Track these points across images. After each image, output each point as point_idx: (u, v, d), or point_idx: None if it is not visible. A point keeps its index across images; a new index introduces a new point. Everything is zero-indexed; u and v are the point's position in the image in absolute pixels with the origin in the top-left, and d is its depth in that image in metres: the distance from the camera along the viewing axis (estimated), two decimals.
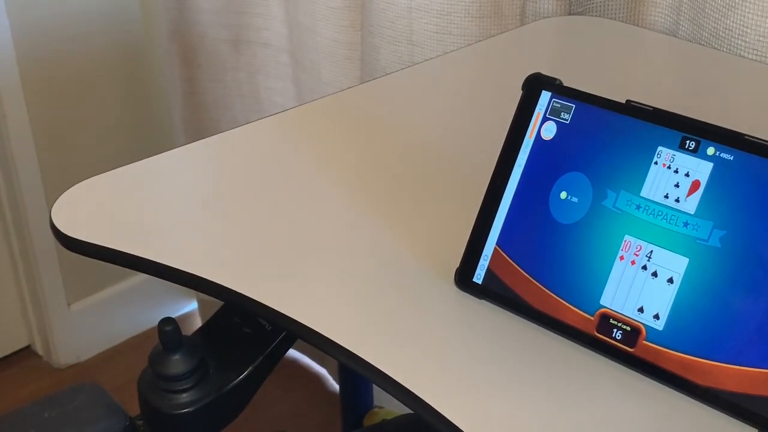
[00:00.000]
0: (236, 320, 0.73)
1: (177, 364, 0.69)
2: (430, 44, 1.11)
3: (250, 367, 0.71)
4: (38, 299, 1.67)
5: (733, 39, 0.92)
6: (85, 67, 1.57)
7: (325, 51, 1.29)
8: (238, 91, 1.49)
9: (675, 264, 0.53)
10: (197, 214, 0.71)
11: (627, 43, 1.00)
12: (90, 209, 0.71)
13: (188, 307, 1.80)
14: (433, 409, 0.52)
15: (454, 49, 1.05)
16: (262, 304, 0.60)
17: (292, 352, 1.65)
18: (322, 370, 1.64)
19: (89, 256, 0.66)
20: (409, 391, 0.54)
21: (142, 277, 1.75)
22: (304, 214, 0.70)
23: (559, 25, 1.05)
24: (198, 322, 1.73)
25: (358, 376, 1.08)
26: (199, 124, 1.54)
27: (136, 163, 0.78)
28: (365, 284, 0.63)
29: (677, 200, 0.53)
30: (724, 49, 0.93)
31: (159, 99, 1.67)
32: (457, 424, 0.51)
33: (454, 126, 0.83)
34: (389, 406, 1.12)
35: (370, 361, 0.56)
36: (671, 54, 0.99)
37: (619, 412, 0.52)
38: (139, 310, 1.77)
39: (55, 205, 0.71)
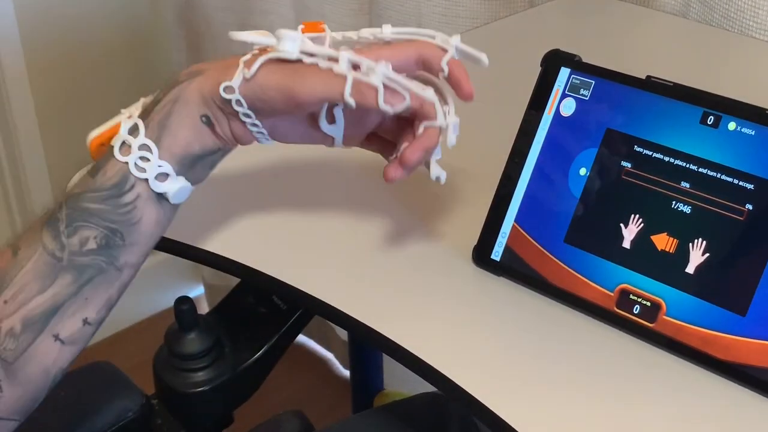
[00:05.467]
0: (251, 300, 0.73)
1: (193, 343, 0.69)
2: (439, 27, 1.11)
3: (266, 346, 0.71)
4: None
5: (744, 20, 0.92)
6: (91, 52, 1.57)
7: None
8: None
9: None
10: (209, 193, 0.70)
11: (637, 25, 1.00)
12: None
13: (194, 292, 1.80)
14: (453, 382, 0.52)
15: (463, 32, 1.05)
16: (281, 281, 0.61)
17: (298, 337, 1.65)
18: (328, 354, 1.64)
19: None
20: (428, 364, 0.54)
21: (147, 261, 1.74)
22: (318, 194, 0.69)
23: (569, 7, 1.05)
24: (205, 307, 1.73)
25: (369, 358, 1.09)
26: None
27: None
28: (382, 261, 0.63)
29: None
30: (735, 30, 0.93)
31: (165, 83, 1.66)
32: (478, 398, 0.51)
33: (467, 104, 0.83)
34: (399, 388, 1.12)
35: (389, 337, 0.56)
36: (682, 35, 0.99)
37: (639, 387, 0.52)
38: (144, 295, 1.76)
39: (70, 183, 0.70)
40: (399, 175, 0.54)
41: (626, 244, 0.55)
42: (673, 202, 0.54)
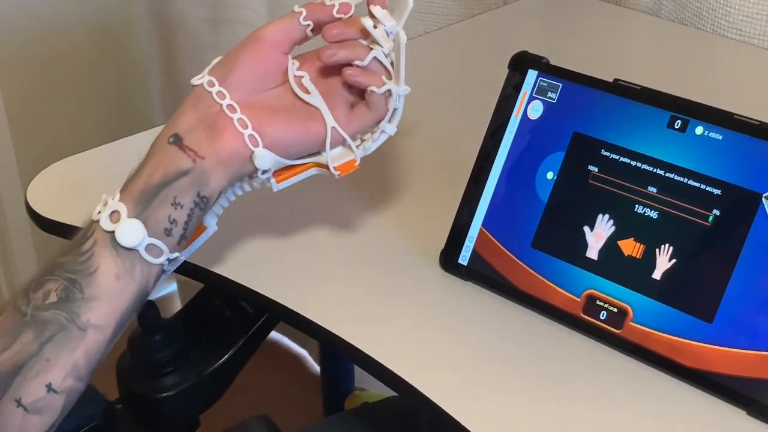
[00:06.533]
0: (217, 303, 0.72)
1: (157, 347, 0.68)
2: (412, 23, 1.10)
3: (232, 350, 0.70)
4: (14, 287, 1.64)
5: (716, 19, 0.91)
6: (61, 46, 1.55)
7: None
8: None
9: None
10: None
11: (610, 23, 0.99)
12: (66, 190, 0.70)
13: (167, 289, 1.79)
14: (417, 390, 0.52)
15: (436, 29, 1.04)
16: (245, 287, 0.60)
17: (272, 333, 1.64)
18: (302, 351, 1.63)
19: (66, 238, 0.65)
20: (392, 372, 0.53)
21: None
22: (285, 196, 0.68)
23: (542, 5, 1.04)
24: (177, 304, 1.72)
25: (340, 359, 1.08)
26: (177, 104, 1.51)
27: (113, 142, 0.76)
28: (348, 265, 0.62)
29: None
30: (708, 29, 0.92)
31: (137, 78, 1.64)
32: (441, 406, 0.50)
33: (436, 106, 0.82)
34: (371, 389, 1.11)
35: (353, 343, 0.55)
36: (654, 34, 0.99)
37: (606, 394, 0.51)
38: None
39: (30, 185, 0.69)
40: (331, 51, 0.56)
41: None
42: (640, 207, 0.53)
